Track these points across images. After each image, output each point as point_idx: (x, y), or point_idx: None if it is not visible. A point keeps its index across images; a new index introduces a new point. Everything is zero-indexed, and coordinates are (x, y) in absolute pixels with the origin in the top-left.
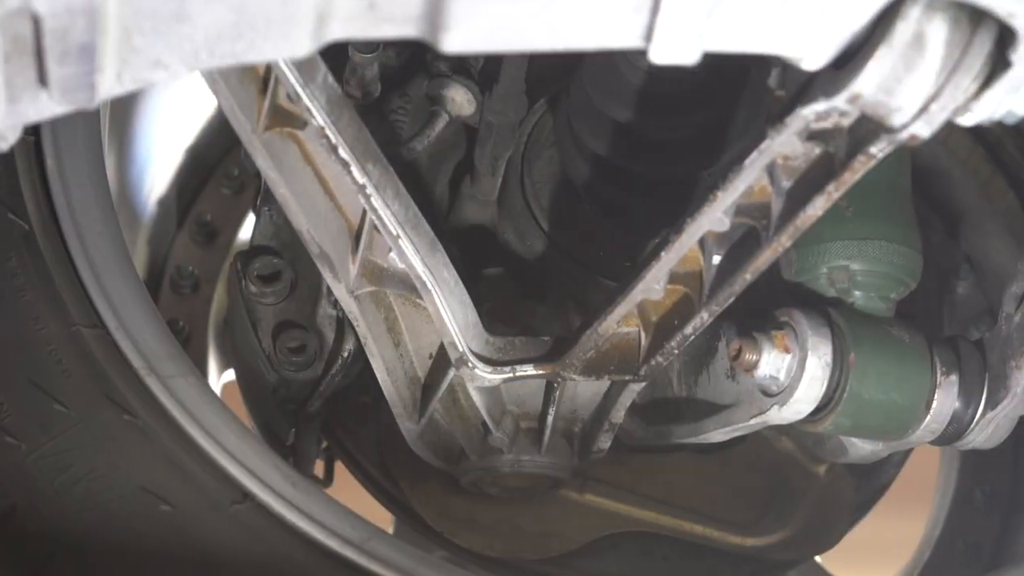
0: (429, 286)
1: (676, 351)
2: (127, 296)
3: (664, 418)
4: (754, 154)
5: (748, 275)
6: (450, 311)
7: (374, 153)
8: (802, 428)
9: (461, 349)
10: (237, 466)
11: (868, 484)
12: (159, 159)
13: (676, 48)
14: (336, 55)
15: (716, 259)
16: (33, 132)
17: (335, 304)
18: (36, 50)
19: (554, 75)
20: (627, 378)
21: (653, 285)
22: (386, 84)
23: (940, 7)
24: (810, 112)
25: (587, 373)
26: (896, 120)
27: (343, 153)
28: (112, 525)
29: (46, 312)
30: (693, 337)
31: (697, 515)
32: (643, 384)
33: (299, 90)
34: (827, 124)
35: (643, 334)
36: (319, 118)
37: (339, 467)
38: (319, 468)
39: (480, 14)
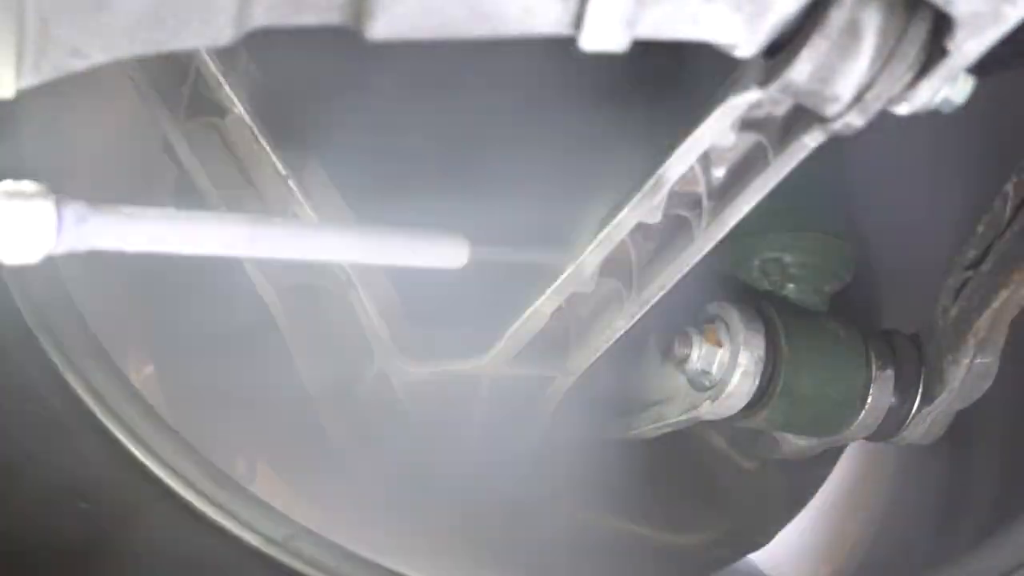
0: (354, 279)
1: (606, 346)
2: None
3: (594, 414)
4: (685, 144)
5: (679, 268)
6: (375, 305)
7: (298, 143)
8: (734, 423)
9: (386, 343)
10: (157, 462)
11: (801, 481)
12: (80, 150)
13: (605, 35)
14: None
15: (647, 251)
16: None
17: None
18: None
19: None
20: (555, 374)
21: (583, 278)
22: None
23: None
24: (742, 101)
25: (514, 368)
26: (830, 109)
27: (265, 143)
28: (29, 523)
29: None
30: (623, 331)
31: (627, 512)
32: (572, 379)
33: (221, 79)
34: (760, 113)
35: (572, 328)
36: (241, 107)
37: (261, 466)
38: (241, 466)
39: (407, 0)
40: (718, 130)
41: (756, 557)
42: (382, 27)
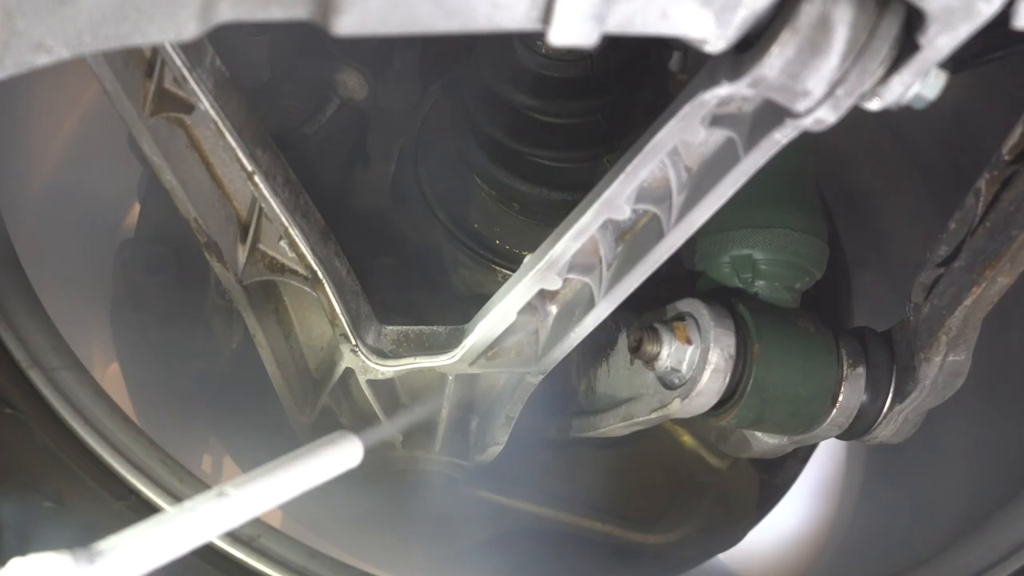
0: (320, 276)
1: (575, 343)
2: (9, 287)
3: (563, 412)
4: (655, 140)
5: (649, 265)
6: (342, 302)
7: (263, 139)
8: (705, 422)
9: (353, 341)
10: (122, 462)
11: (773, 480)
12: (43, 146)
13: (574, 30)
14: (225, 38)
15: (616, 248)
16: None
17: (224, 294)
18: None
19: (449, 58)
20: (524, 371)
21: (551, 275)
22: (276, 68)
23: None
24: (712, 97)
25: (483, 365)
26: (801, 105)
27: (231, 138)
28: None
29: None
30: (593, 329)
31: (597, 512)
32: (541, 377)
33: (186, 74)
34: (730, 109)
35: (541, 326)
36: (206, 103)
37: (228, 463)
38: (207, 464)
39: None
40: (688, 126)
41: (726, 556)
42: (349, 22)
